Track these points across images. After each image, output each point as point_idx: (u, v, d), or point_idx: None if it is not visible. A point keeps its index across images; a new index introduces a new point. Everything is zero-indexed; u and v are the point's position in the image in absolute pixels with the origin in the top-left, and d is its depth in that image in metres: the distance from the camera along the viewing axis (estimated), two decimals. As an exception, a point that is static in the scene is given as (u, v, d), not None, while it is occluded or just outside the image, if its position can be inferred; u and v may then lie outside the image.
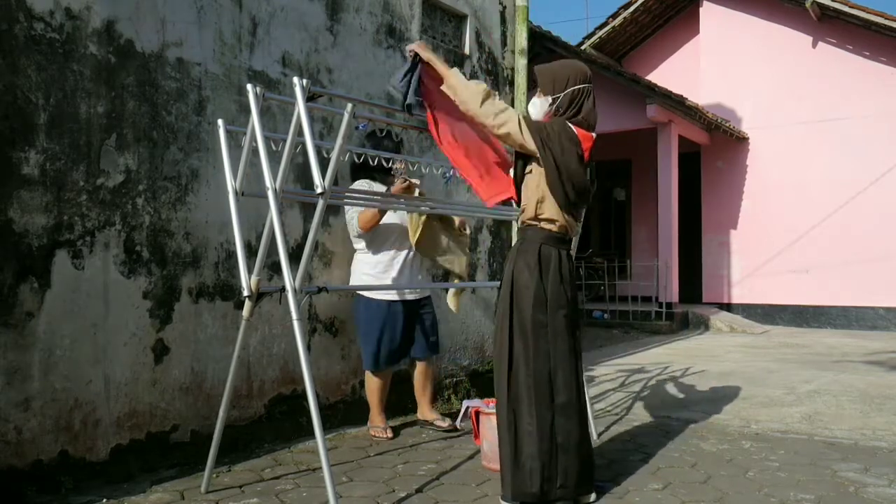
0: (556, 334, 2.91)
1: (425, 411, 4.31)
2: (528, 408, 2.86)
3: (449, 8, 5.29)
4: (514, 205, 3.22)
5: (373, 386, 4.15)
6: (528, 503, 2.85)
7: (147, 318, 3.40)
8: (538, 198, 2.97)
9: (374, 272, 4.09)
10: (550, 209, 2.96)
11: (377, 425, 4.11)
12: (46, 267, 3.02)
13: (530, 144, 2.90)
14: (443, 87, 3.01)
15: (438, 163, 3.89)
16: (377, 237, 4.09)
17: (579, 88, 3.00)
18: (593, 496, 2.99)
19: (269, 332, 3.98)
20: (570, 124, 2.97)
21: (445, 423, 4.23)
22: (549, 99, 3.01)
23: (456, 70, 3.03)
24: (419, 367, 4.31)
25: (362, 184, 4.11)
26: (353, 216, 4.05)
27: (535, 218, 2.99)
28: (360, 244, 4.15)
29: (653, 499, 3.05)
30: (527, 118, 2.97)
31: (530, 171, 2.99)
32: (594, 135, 3.02)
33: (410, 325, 4.18)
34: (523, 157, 3.01)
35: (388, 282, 4.08)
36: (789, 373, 6.26)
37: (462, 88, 2.95)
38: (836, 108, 10.70)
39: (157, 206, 3.45)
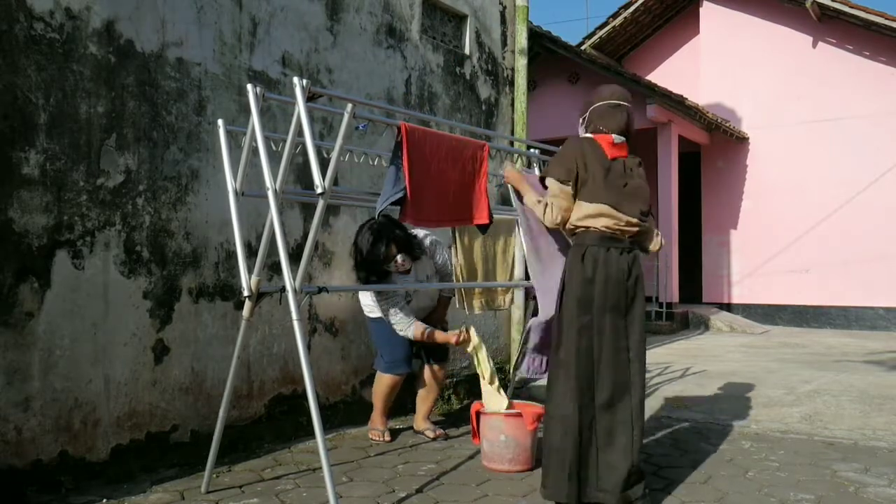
0: (601, 334, 2.91)
1: (419, 420, 4.24)
2: (570, 408, 2.87)
3: (449, 8, 5.29)
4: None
5: (383, 389, 4.07)
6: (562, 503, 2.85)
7: (147, 318, 3.40)
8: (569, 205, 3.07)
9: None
10: (582, 212, 3.00)
11: (377, 428, 4.08)
12: (46, 267, 3.02)
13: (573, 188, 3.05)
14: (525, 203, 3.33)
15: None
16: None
17: (594, 107, 3.17)
18: None
19: (269, 332, 3.98)
20: (587, 136, 3.13)
21: (434, 434, 4.16)
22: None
23: (530, 194, 3.28)
24: (428, 372, 4.19)
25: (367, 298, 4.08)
26: (403, 327, 3.94)
27: (575, 226, 3.06)
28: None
29: (653, 499, 3.04)
30: (560, 181, 3.07)
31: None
32: (611, 136, 3.09)
33: None
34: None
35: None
36: (789, 373, 6.25)
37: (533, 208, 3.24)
38: (836, 108, 10.69)
39: (157, 206, 3.45)
